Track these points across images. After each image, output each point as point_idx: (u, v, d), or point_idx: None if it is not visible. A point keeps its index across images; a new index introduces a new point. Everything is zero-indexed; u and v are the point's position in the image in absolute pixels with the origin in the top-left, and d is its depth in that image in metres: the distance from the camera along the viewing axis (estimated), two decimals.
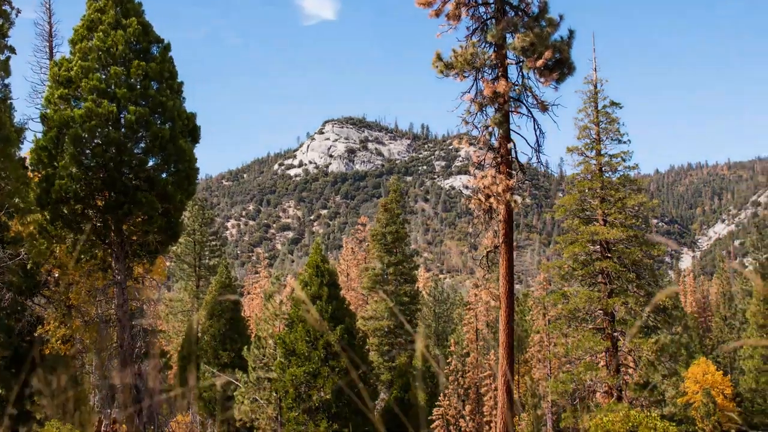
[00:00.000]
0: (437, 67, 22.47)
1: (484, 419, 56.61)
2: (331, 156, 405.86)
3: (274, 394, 38.16)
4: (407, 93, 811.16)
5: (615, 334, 36.63)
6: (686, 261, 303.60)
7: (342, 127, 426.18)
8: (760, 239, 79.73)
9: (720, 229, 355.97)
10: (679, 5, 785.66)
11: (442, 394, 58.14)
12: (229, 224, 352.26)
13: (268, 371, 39.30)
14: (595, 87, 38.27)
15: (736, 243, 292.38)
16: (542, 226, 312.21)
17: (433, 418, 56.46)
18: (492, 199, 22.57)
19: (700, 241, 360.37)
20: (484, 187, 22.76)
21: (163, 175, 29.94)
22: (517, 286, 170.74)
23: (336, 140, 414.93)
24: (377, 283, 57.08)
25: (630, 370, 38.04)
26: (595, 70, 38.13)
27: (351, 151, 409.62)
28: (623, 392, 35.96)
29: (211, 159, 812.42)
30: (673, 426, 21.72)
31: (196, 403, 48.69)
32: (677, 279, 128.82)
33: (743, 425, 60.11)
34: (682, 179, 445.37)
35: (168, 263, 58.35)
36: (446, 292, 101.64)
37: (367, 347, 46.74)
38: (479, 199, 22.90)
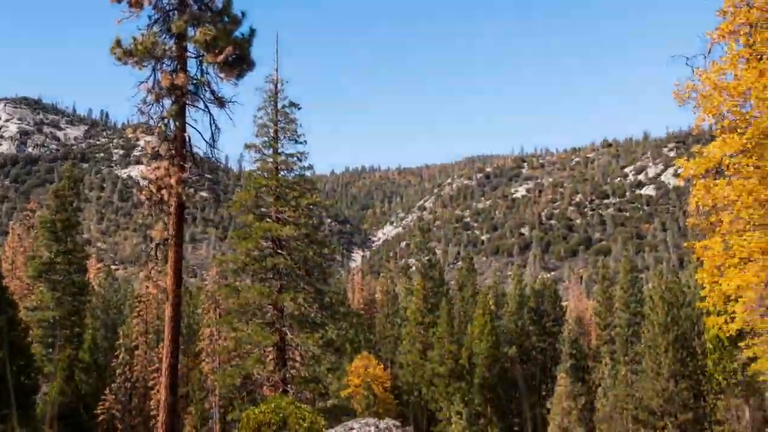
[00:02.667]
0: (116, 53, 22.49)
1: (152, 413, 56.44)
2: (1, 137, 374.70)
3: None
4: (87, 77, 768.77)
5: (284, 328, 38.20)
6: (357, 260, 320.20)
7: (16, 107, 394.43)
8: (423, 242, 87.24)
9: (389, 231, 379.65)
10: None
11: (108, 388, 57.15)
12: None
13: None
14: (276, 86, 39.39)
15: (403, 244, 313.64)
16: (219, 221, 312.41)
17: (98, 412, 55.34)
18: (164, 191, 22.77)
19: (370, 241, 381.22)
20: (156, 179, 22.91)
21: None
22: (192, 280, 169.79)
23: (8, 120, 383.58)
24: (44, 272, 54.81)
25: (297, 364, 40.13)
26: (277, 70, 39.26)
27: (24, 133, 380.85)
28: (289, 385, 37.74)
29: None
30: (320, 417, 23.59)
31: None
32: (347, 277, 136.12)
33: (400, 416, 65.62)
34: (356, 181, 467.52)
35: None
36: (119, 284, 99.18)
37: (29, 339, 44.72)
38: (151, 191, 23.09)
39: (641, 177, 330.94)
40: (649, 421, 59.52)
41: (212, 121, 24.44)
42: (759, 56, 18.61)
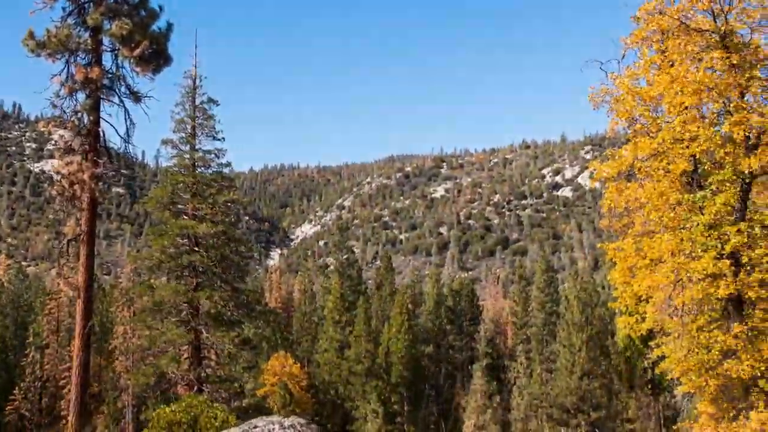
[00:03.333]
0: (28, 45, 22.04)
1: (62, 413, 55.25)
2: None
3: None
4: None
5: (199, 327, 37.90)
6: (275, 258, 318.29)
7: None
8: (342, 240, 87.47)
9: (307, 229, 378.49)
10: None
11: (17, 388, 55.74)
12: None
13: None
14: (194, 82, 39.19)
15: (321, 243, 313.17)
16: (135, 217, 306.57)
17: (7, 412, 53.96)
18: (76, 186, 22.49)
19: (289, 239, 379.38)
20: (69, 174, 22.58)
21: None
22: (105, 277, 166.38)
23: None
24: None
25: (212, 363, 39.82)
26: (196, 66, 39.08)
27: None
28: (204, 384, 37.45)
29: None
30: (232, 416, 23.54)
31: None
32: (265, 275, 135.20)
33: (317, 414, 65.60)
34: (275, 179, 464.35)
35: None
36: (29, 281, 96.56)
37: None
38: (63, 186, 22.73)
39: (558, 178, 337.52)
40: (563, 418, 60.80)
41: (127, 116, 24.17)
42: (671, 63, 19.24)
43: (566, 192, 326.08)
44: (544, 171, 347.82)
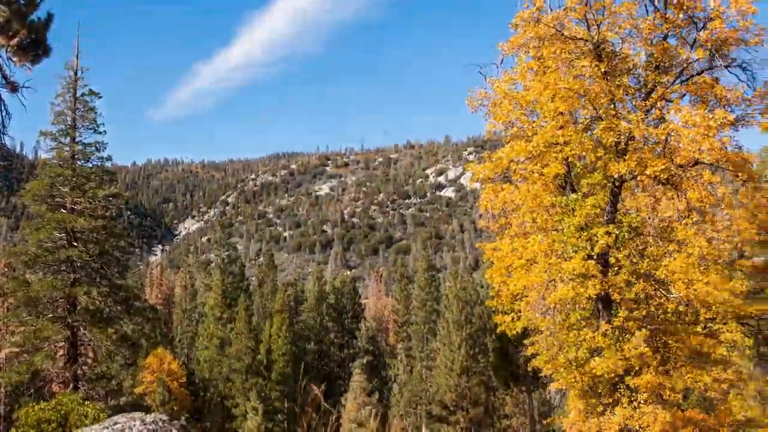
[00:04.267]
0: None
1: None
2: None
3: None
4: None
5: (76, 323, 36.97)
6: (157, 254, 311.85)
7: None
8: (224, 237, 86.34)
9: (190, 225, 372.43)
10: None
11: None
12: None
13: None
14: (76, 74, 38.28)
15: (204, 239, 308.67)
16: (11, 210, 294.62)
17: None
18: None
19: (172, 235, 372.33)
20: None
21: None
22: None
23: None
24: None
25: (89, 360, 38.74)
26: (77, 57, 38.22)
27: None
28: (80, 382, 36.46)
29: None
30: (104, 414, 23.01)
31: None
32: (146, 271, 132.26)
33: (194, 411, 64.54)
34: (158, 174, 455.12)
35: None
36: None
37: None
38: None
39: (441, 179, 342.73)
40: (442, 415, 61.63)
41: (3, 107, 23.20)
42: (546, 69, 19.76)
43: (449, 192, 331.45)
44: (428, 171, 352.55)
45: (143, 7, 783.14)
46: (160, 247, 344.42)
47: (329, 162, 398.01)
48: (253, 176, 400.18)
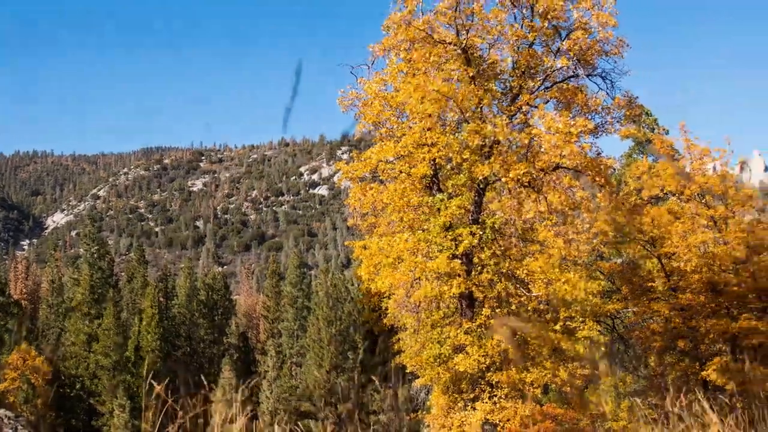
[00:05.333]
0: None
1: None
2: None
3: None
4: None
5: None
6: (24, 248, 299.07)
7: None
8: (93, 231, 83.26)
9: (59, 219, 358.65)
10: None
11: None
12: None
13: None
14: None
15: (74, 233, 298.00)
16: None
17: None
18: None
19: (40, 228, 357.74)
20: None
21: None
22: None
23: None
24: None
25: None
26: None
27: None
28: None
29: None
30: None
31: None
32: (11, 265, 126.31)
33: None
34: (26, 165, 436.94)
35: None
36: None
37: None
38: None
39: (315, 177, 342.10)
40: (311, 411, 61.33)
41: None
42: (417, 71, 19.75)
43: (323, 190, 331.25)
44: (302, 169, 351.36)
45: None
46: (27, 241, 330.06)
47: (203, 158, 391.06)
48: (125, 170, 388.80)
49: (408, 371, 23.41)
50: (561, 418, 20.63)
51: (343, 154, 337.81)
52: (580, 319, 21.67)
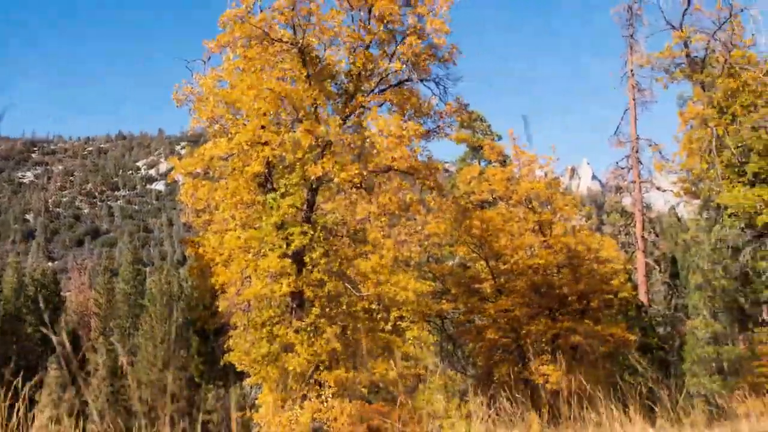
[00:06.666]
0: None
1: None
2: None
3: None
4: None
5: None
6: None
7: None
8: None
9: None
10: None
11: None
12: None
13: None
14: None
15: None
16: None
17: None
18: None
19: None
20: None
21: None
22: None
23: None
24: None
25: None
26: None
27: None
28: None
29: None
30: None
31: None
32: None
33: None
34: None
35: None
36: None
37: None
38: None
39: (153, 172, 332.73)
40: (143, 410, 59.44)
41: None
42: (253, 69, 19.46)
43: (160, 186, 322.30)
44: (139, 163, 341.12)
45: None
46: None
47: (35, 149, 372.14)
48: None
49: (239, 370, 23.06)
50: (390, 417, 20.81)
51: (182, 149, 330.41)
52: (410, 319, 21.95)
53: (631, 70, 44.43)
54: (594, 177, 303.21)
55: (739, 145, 31.43)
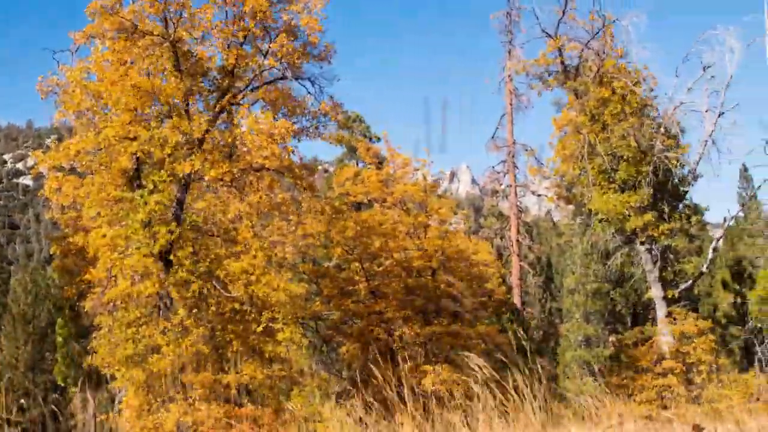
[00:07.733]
0: None
1: None
2: None
3: None
4: None
5: None
6: None
7: None
8: None
9: None
10: None
11: None
12: None
13: None
14: None
15: None
16: None
17: None
18: None
19: None
20: None
21: None
22: None
23: None
24: None
25: None
26: None
27: None
28: None
29: None
30: None
31: None
32: None
33: None
34: None
35: None
36: None
37: None
38: None
39: (20, 165, 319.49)
40: (9, 419, 57.27)
41: None
42: (123, 62, 19.10)
43: (27, 180, 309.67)
44: (6, 156, 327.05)
45: None
46: None
47: None
48: None
49: (103, 373, 22.49)
50: (260, 421, 20.75)
51: (52, 143, 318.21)
52: (283, 321, 21.91)
53: (509, 76, 45.81)
54: (473, 181, 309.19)
55: (609, 152, 32.78)
